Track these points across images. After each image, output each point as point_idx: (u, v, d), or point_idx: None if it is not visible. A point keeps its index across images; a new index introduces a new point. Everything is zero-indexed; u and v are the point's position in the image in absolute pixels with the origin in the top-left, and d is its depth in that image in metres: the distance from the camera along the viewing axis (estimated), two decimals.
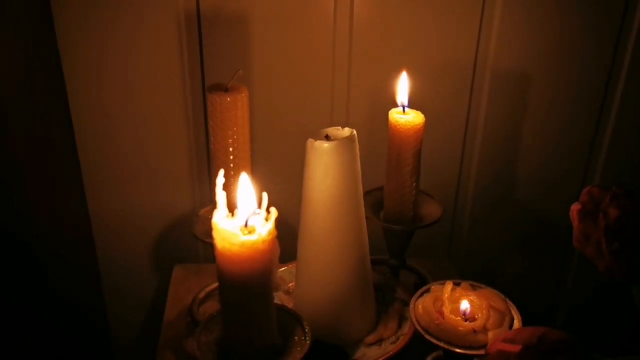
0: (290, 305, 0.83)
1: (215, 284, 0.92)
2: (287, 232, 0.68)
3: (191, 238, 1.04)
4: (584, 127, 1.10)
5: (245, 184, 0.58)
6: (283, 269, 0.91)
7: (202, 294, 0.92)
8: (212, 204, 0.90)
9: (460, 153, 1.10)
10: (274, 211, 0.56)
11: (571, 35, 1.02)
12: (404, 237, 0.89)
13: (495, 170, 1.12)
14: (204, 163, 1.05)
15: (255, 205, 0.57)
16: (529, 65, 1.04)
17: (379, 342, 0.81)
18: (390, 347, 0.78)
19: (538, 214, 1.15)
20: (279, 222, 0.57)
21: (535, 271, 1.22)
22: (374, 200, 0.91)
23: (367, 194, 0.89)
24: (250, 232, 0.56)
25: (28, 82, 0.95)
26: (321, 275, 0.79)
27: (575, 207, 0.59)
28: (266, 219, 0.56)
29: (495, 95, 1.06)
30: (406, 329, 0.80)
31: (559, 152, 1.12)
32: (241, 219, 0.57)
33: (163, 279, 1.11)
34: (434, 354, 0.78)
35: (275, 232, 0.56)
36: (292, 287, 0.89)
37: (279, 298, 0.87)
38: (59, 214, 1.04)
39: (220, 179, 0.56)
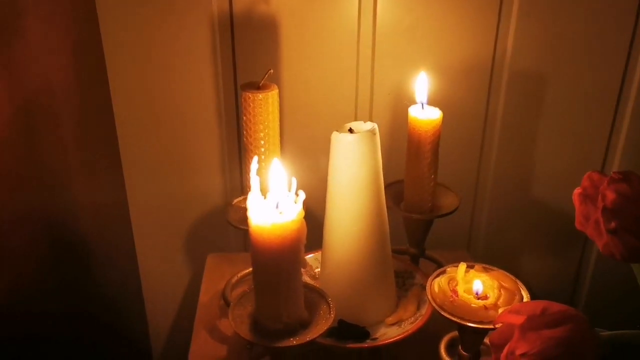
0: None
1: (247, 270, 0.94)
2: (313, 220, 0.71)
3: (223, 227, 1.08)
4: (600, 124, 1.11)
5: (277, 168, 0.62)
6: (310, 256, 0.93)
7: (234, 279, 0.94)
8: (244, 195, 0.95)
9: (479, 149, 1.12)
10: (302, 194, 0.60)
11: (587, 35, 1.03)
12: (422, 226, 0.92)
13: (513, 165, 1.14)
14: (236, 155, 1.09)
15: (286, 188, 0.61)
16: (545, 64, 1.05)
17: (399, 322, 0.83)
18: (409, 327, 0.80)
19: (555, 208, 1.16)
20: (305, 209, 0.61)
21: (554, 264, 1.23)
22: (395, 192, 0.93)
23: (389, 186, 0.91)
24: (281, 213, 0.60)
25: (76, 78, 1.00)
26: (345, 261, 0.81)
27: (576, 191, 0.62)
28: (295, 202, 0.61)
29: (512, 94, 1.07)
30: (424, 310, 0.82)
31: (575, 148, 1.12)
32: (273, 201, 0.61)
33: (197, 265, 1.14)
34: (450, 334, 0.80)
35: (303, 213, 0.61)
36: (318, 272, 0.91)
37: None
38: (100, 202, 1.09)
39: (254, 165, 0.61)
